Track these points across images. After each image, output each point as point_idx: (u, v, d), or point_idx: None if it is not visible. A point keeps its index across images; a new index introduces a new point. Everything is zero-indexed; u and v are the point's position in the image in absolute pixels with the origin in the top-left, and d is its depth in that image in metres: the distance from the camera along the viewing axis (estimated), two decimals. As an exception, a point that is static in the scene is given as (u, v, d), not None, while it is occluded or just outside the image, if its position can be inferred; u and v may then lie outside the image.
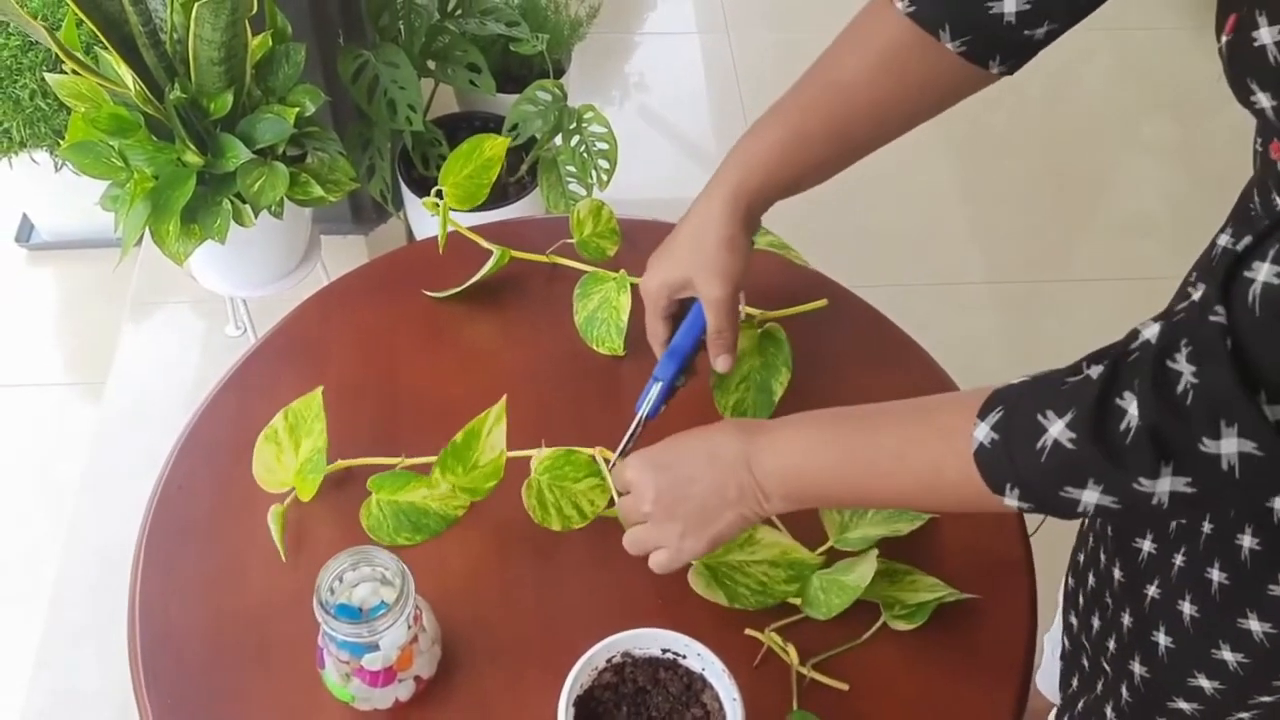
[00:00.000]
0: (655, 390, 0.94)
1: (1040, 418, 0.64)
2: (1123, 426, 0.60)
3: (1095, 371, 0.63)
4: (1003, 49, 0.80)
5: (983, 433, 0.68)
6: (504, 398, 0.88)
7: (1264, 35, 0.59)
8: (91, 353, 2.01)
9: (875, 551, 0.87)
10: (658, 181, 2.26)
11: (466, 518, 0.94)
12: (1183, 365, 0.58)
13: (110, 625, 1.00)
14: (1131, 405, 0.60)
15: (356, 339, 1.07)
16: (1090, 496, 0.63)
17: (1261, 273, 0.55)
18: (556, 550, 0.93)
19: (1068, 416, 0.63)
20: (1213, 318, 0.57)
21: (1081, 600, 0.94)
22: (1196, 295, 0.60)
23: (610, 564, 0.91)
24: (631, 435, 0.93)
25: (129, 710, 0.87)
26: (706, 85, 2.54)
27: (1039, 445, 0.64)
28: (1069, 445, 0.62)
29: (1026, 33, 0.78)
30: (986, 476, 0.68)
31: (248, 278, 1.62)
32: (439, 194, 1.06)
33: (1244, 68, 0.61)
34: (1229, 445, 0.57)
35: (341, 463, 0.95)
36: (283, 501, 0.93)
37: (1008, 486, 0.67)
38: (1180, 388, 0.58)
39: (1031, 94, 2.51)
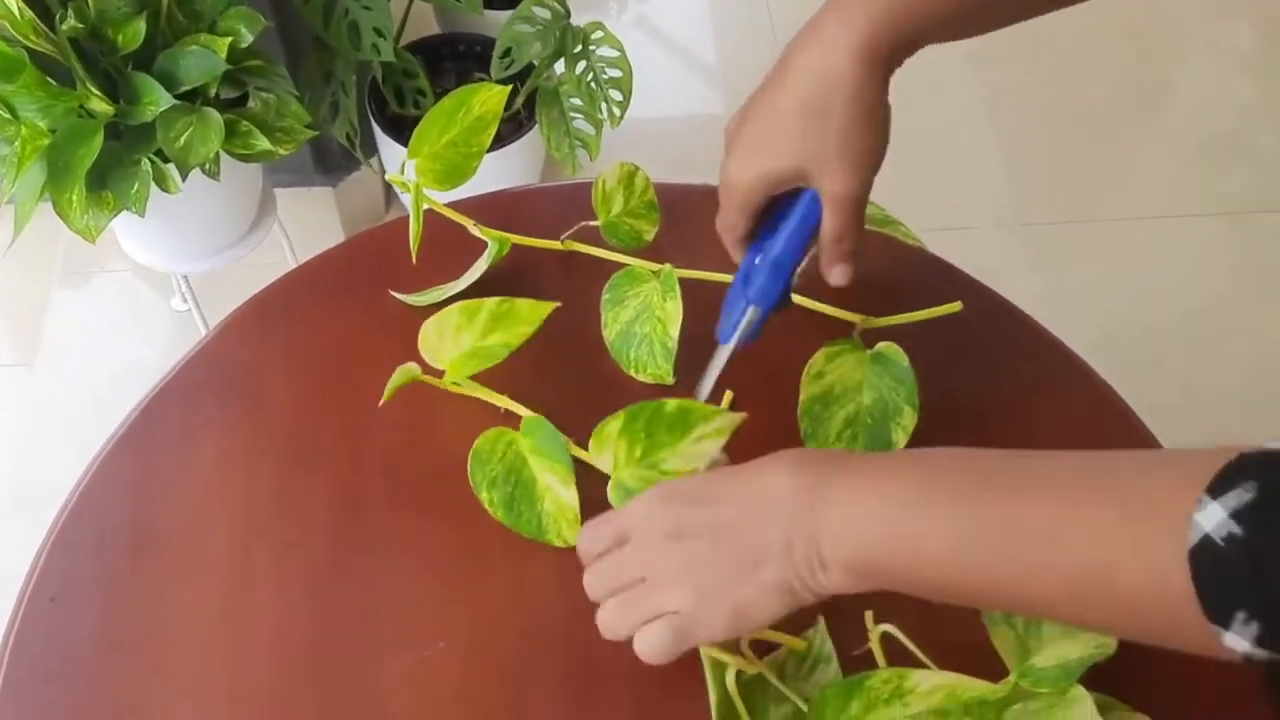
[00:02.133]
0: (749, 316, 0.68)
1: None
2: None
3: None
4: None
5: (1213, 520, 0.43)
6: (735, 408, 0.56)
7: None
8: (15, 330, 1.71)
9: (1084, 694, 0.59)
10: (663, 101, 1.95)
11: (480, 627, 0.66)
12: None
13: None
14: None
15: (304, 368, 0.78)
16: None
17: None
18: (597, 687, 0.65)
19: None
20: None
21: None
22: None
23: (674, 713, 0.63)
24: (713, 377, 0.70)
25: None
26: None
27: None
28: None
29: None
30: (1206, 594, 0.43)
31: (183, 250, 1.32)
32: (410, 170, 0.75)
33: None
34: None
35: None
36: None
37: (1239, 616, 0.43)
38: None
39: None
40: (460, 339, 0.70)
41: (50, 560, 0.69)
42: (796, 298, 0.76)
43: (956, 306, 0.74)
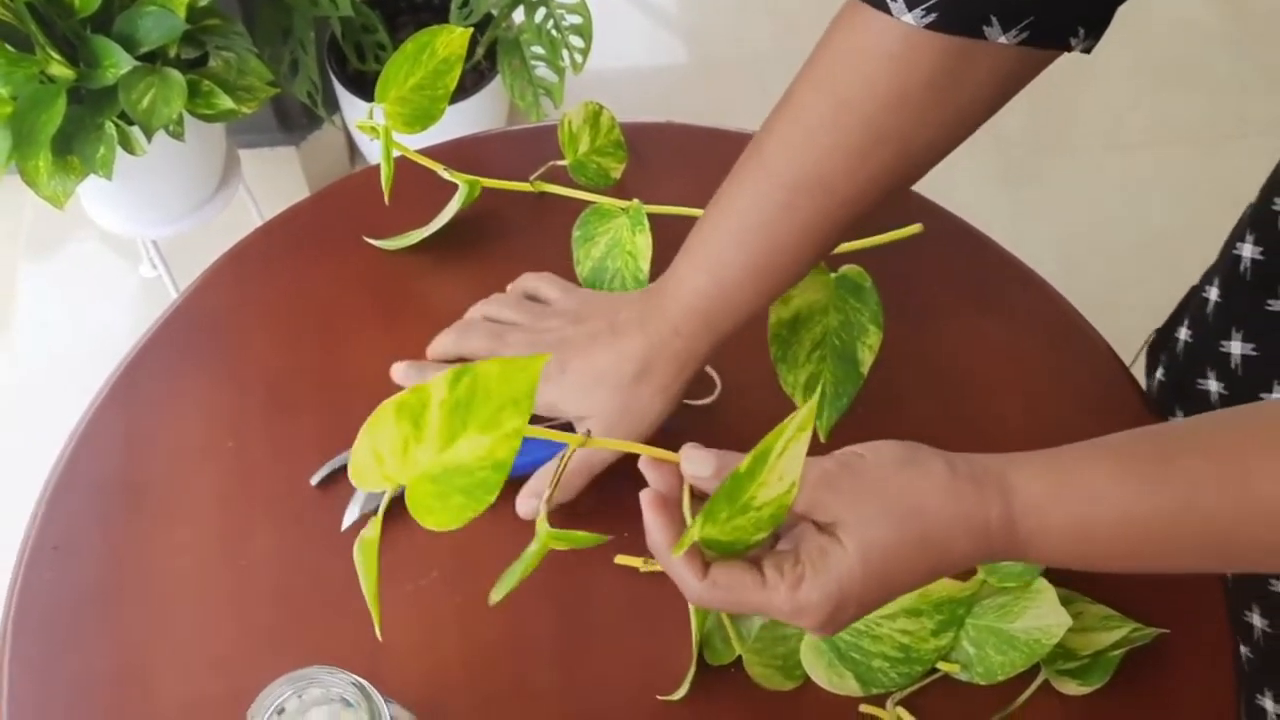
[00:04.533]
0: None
1: None
2: None
3: None
4: (1081, 19, 0.55)
5: None
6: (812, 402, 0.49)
7: None
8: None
9: (1047, 585, 0.62)
10: (631, 51, 1.95)
11: (465, 582, 0.69)
12: None
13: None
14: None
15: (284, 316, 0.79)
16: None
17: None
18: (584, 610, 0.68)
19: None
20: None
21: None
22: None
23: (659, 627, 0.66)
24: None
25: None
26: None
27: None
28: None
29: None
30: None
31: (151, 215, 1.32)
32: (378, 114, 0.77)
33: None
34: None
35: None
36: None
37: None
38: None
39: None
40: (411, 457, 0.47)
41: (51, 509, 0.71)
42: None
43: (918, 228, 0.76)
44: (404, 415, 0.45)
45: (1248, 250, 0.69)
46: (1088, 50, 0.57)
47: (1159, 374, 0.82)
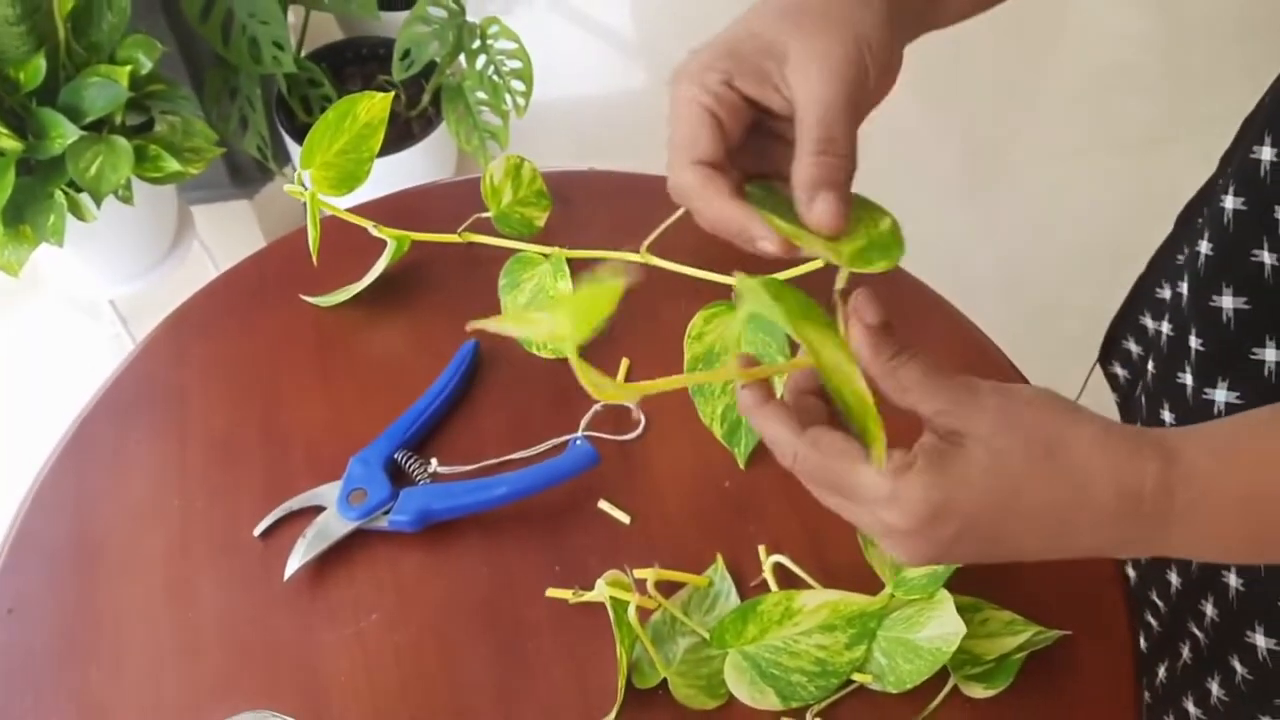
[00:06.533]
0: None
1: None
2: None
3: None
4: None
5: None
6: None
7: None
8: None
9: (946, 595, 0.66)
10: (581, 82, 2.00)
11: (405, 623, 0.72)
12: None
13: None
14: None
15: (225, 376, 0.83)
16: None
17: None
18: (518, 643, 0.71)
19: None
20: None
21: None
22: None
23: (589, 656, 0.69)
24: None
25: None
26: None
27: None
28: None
29: None
30: None
31: (107, 275, 1.36)
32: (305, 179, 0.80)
33: None
34: None
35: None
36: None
37: None
38: None
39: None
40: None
41: (4, 573, 0.74)
42: (680, 267, 0.83)
43: (820, 263, 0.80)
44: None
45: (1204, 247, 0.69)
46: None
47: (1119, 369, 0.84)
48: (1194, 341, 0.71)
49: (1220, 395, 0.69)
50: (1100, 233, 1.84)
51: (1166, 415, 0.75)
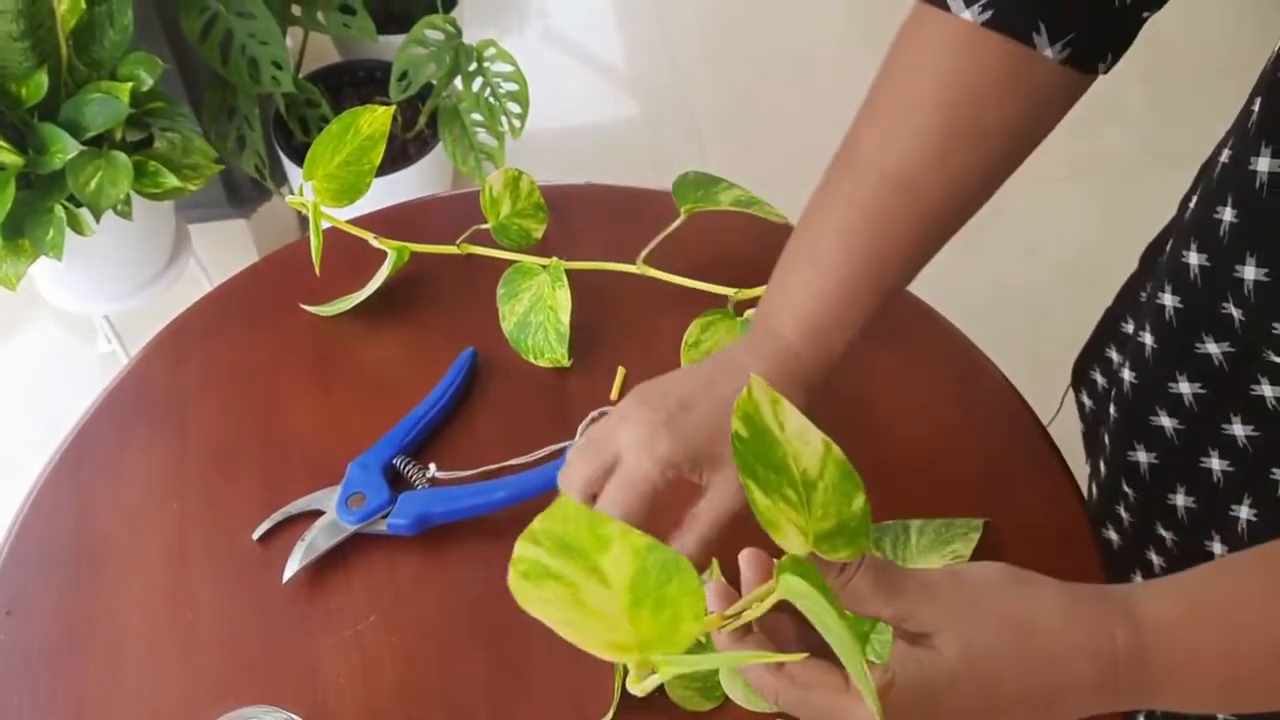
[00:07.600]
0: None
1: None
2: None
3: None
4: (1112, 41, 0.61)
5: None
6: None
7: None
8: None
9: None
10: (571, 111, 2.02)
11: (407, 600, 0.72)
12: None
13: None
14: None
15: (224, 383, 0.83)
16: None
17: None
18: (513, 637, 0.72)
19: None
20: None
21: None
22: None
23: (584, 659, 0.70)
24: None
25: None
26: (614, 2, 2.29)
27: None
28: None
29: (1143, 14, 0.60)
30: None
31: (103, 291, 1.36)
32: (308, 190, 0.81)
33: None
34: None
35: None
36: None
37: None
38: None
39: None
40: (597, 604, 0.45)
41: (3, 576, 0.74)
42: (676, 278, 0.84)
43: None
44: None
45: (1169, 300, 0.70)
46: (1107, 71, 0.62)
47: (1086, 399, 0.85)
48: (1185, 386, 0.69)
49: (1214, 463, 0.69)
50: (1084, 257, 1.87)
51: (1141, 456, 0.74)
